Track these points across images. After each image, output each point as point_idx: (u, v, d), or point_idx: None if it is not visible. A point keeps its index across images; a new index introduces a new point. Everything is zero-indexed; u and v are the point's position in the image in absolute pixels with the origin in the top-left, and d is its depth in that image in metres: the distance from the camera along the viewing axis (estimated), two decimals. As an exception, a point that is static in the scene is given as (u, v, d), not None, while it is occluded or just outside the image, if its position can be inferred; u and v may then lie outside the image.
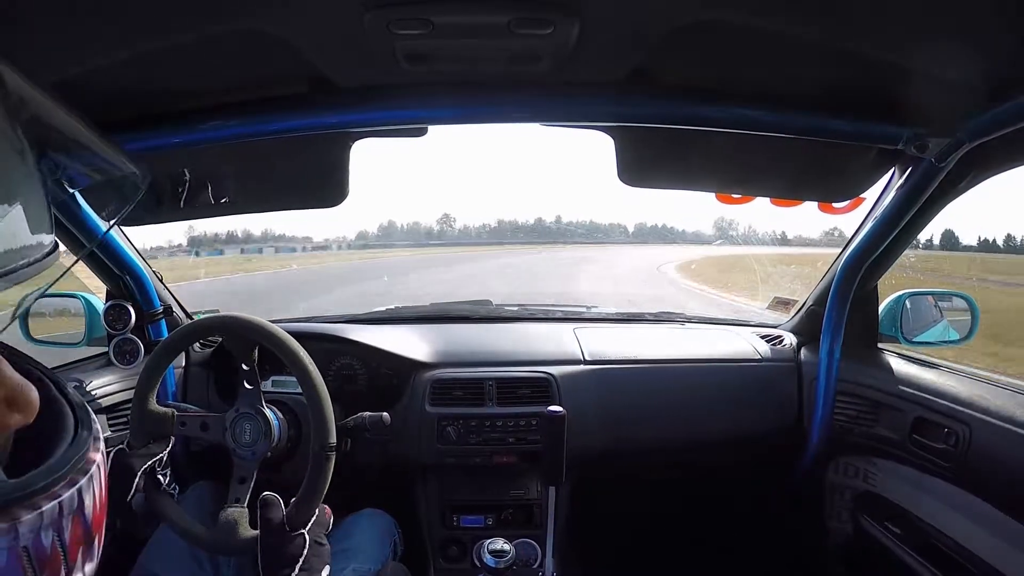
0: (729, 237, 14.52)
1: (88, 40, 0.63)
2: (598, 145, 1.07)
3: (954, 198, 1.01)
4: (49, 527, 0.29)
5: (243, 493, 0.91)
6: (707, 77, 0.81)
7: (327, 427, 0.88)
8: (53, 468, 0.31)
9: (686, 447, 1.31)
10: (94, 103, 0.79)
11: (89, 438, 0.34)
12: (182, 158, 0.96)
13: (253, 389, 0.96)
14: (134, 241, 1.26)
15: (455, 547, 1.28)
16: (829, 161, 0.99)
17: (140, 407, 0.91)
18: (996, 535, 0.88)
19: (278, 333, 0.91)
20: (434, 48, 0.71)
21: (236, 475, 0.92)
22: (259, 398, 0.96)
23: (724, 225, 10.91)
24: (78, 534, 0.32)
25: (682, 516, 1.57)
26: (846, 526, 1.26)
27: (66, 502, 0.31)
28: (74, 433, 0.34)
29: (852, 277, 1.18)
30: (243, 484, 0.92)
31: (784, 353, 1.38)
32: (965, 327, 1.24)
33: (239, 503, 0.90)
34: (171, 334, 0.98)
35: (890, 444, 1.12)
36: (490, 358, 1.33)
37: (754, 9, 0.63)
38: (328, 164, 1.00)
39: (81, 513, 0.32)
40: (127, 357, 1.25)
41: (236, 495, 0.91)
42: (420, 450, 1.25)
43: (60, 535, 0.30)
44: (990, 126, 0.78)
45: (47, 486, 0.30)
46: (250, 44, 0.68)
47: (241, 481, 0.92)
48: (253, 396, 0.95)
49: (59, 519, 0.30)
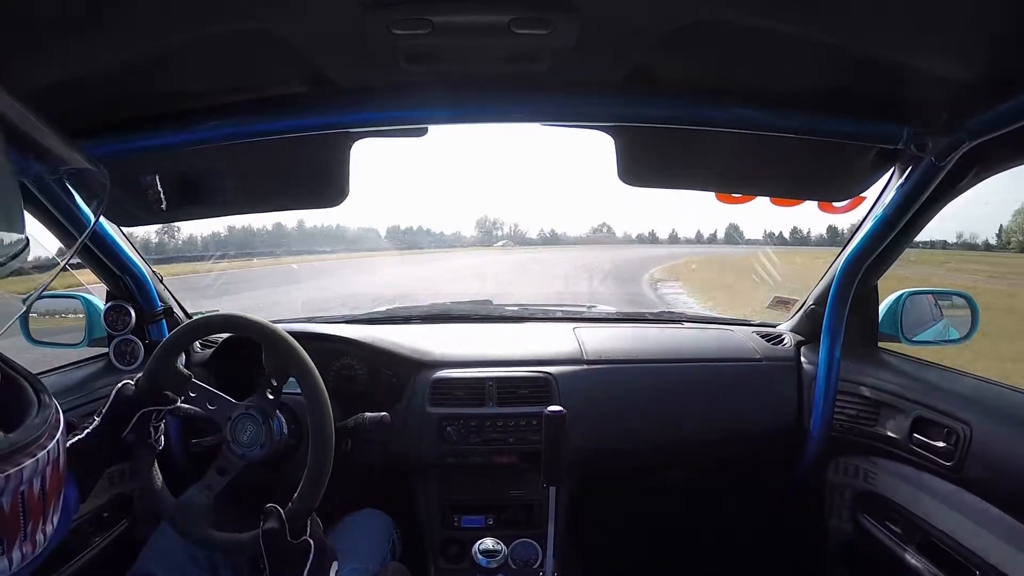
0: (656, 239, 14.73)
1: (90, 40, 0.63)
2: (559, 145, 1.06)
3: (954, 197, 1.01)
4: (39, 474, 0.34)
5: (217, 484, 0.90)
6: (707, 77, 0.81)
7: (326, 432, 0.87)
8: (40, 423, 0.36)
9: (686, 447, 1.31)
10: (95, 103, 0.79)
11: (52, 401, 0.39)
12: (182, 158, 0.96)
13: (273, 400, 0.94)
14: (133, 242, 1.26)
15: (455, 547, 1.28)
16: (829, 161, 0.99)
17: (163, 359, 0.89)
18: (996, 535, 0.88)
19: (282, 335, 0.91)
20: (434, 48, 0.71)
21: (218, 464, 0.91)
22: (273, 409, 0.94)
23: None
24: (56, 482, 0.36)
25: (682, 516, 1.57)
26: (846, 526, 1.26)
27: (52, 451, 0.35)
28: (38, 400, 0.39)
29: (852, 277, 1.18)
30: (222, 476, 0.90)
31: (784, 353, 1.38)
32: (965, 326, 1.25)
33: (209, 490, 0.89)
34: (178, 328, 0.96)
35: (890, 444, 1.12)
36: (490, 358, 1.33)
37: (754, 8, 0.63)
38: (328, 164, 1.00)
39: (57, 464, 0.37)
40: (127, 358, 1.26)
41: (209, 482, 0.90)
42: (420, 450, 1.25)
43: (43, 483, 0.34)
44: (990, 125, 0.78)
45: (39, 436, 0.34)
46: (251, 44, 0.68)
47: (220, 472, 0.91)
48: (267, 404, 0.94)
49: (44, 468, 0.34)
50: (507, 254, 16.67)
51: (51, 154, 0.46)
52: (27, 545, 0.36)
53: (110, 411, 0.83)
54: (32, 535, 0.34)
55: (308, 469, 0.86)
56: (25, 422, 0.36)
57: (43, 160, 0.48)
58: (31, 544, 0.37)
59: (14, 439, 0.33)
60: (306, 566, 0.77)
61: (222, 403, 0.94)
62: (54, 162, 0.51)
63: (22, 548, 0.35)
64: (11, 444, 0.32)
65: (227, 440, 0.92)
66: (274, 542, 0.79)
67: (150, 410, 0.86)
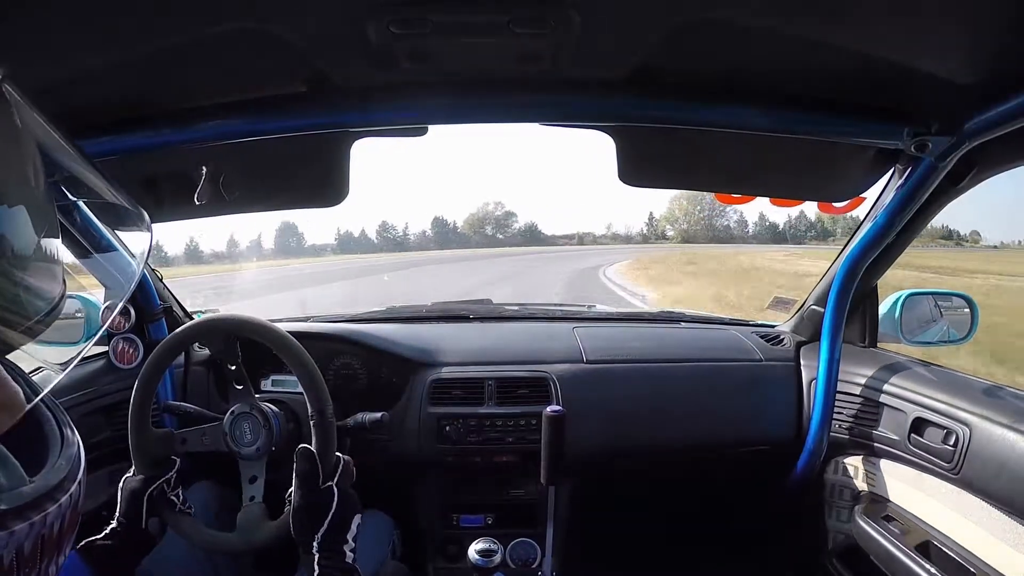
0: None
1: (91, 39, 0.63)
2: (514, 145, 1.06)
3: (954, 197, 1.01)
4: (61, 516, 0.32)
5: (257, 491, 0.91)
6: (707, 77, 0.81)
7: (321, 395, 0.87)
8: (64, 464, 0.34)
9: (685, 447, 1.31)
10: (94, 102, 0.79)
11: (75, 437, 0.37)
12: (182, 157, 0.96)
13: (243, 388, 0.95)
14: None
15: (454, 546, 1.28)
16: (829, 160, 0.99)
17: (138, 435, 0.89)
18: (996, 535, 0.88)
19: (255, 321, 0.91)
20: (434, 47, 0.71)
21: (245, 476, 0.92)
22: (251, 394, 0.95)
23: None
24: (73, 519, 0.35)
25: (681, 515, 1.57)
26: (846, 526, 1.26)
27: (74, 494, 0.34)
28: (61, 436, 0.36)
29: (852, 277, 1.18)
30: (254, 483, 0.92)
31: (784, 353, 1.38)
32: (965, 326, 1.25)
33: (254, 500, 0.90)
34: (150, 358, 0.94)
35: (890, 444, 1.12)
36: (489, 357, 1.33)
37: (754, 9, 0.63)
38: (328, 164, 1.00)
39: (77, 504, 0.35)
40: (127, 357, 1.25)
41: (251, 494, 0.91)
42: (420, 450, 1.25)
43: (63, 523, 0.33)
44: (990, 125, 0.78)
45: (63, 480, 0.33)
46: (251, 44, 0.68)
47: (252, 481, 0.92)
48: (245, 395, 0.95)
49: (67, 511, 0.33)
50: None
51: (98, 197, 0.44)
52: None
53: (123, 508, 0.85)
54: (45, 570, 0.34)
55: (313, 437, 0.86)
56: (48, 462, 0.34)
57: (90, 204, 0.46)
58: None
59: (39, 486, 0.31)
60: (328, 515, 0.78)
61: (212, 429, 0.94)
62: (103, 212, 0.49)
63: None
64: (35, 492, 0.31)
65: (236, 451, 0.93)
66: (302, 484, 0.79)
67: (159, 486, 0.87)
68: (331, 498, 0.79)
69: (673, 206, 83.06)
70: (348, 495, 0.82)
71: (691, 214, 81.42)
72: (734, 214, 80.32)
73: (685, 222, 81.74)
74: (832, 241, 69.72)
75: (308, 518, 0.78)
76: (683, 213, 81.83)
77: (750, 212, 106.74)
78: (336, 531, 0.78)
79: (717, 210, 77.69)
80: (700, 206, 77.97)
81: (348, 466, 0.86)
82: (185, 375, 1.32)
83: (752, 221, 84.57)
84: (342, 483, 0.83)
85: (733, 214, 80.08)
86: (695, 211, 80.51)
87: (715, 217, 79.94)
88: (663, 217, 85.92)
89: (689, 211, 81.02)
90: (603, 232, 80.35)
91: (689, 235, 77.56)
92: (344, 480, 0.84)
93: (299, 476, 0.80)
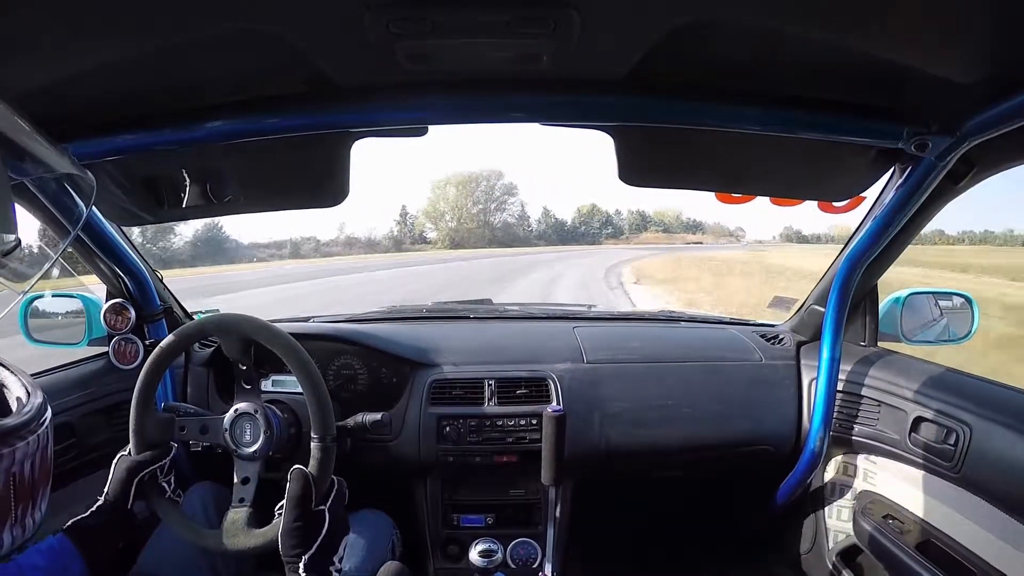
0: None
1: (91, 39, 0.63)
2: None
3: (954, 196, 1.01)
4: (30, 457, 0.37)
5: (247, 493, 0.90)
6: (707, 76, 0.81)
7: (327, 420, 0.88)
8: (30, 410, 0.39)
9: (686, 446, 1.31)
10: (94, 102, 0.79)
11: (39, 392, 0.42)
12: (182, 158, 0.96)
13: (251, 389, 0.95)
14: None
15: (455, 547, 1.28)
16: (829, 160, 0.99)
17: (140, 414, 0.90)
18: (996, 535, 0.88)
19: (274, 329, 0.91)
20: (434, 48, 0.71)
21: (239, 476, 0.92)
22: (257, 397, 0.95)
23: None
24: (45, 470, 0.39)
25: (681, 515, 1.58)
26: (846, 525, 1.26)
27: (41, 437, 0.38)
28: (27, 391, 0.41)
29: (852, 276, 1.18)
30: (246, 485, 0.91)
31: (784, 353, 1.38)
32: (965, 326, 1.25)
33: (243, 503, 0.89)
34: (167, 339, 0.96)
35: (890, 444, 1.12)
36: (490, 357, 1.33)
37: (755, 9, 0.63)
38: (328, 164, 1.00)
39: (46, 452, 0.39)
40: (127, 357, 1.25)
41: (240, 495, 0.90)
42: (420, 450, 1.25)
43: (33, 468, 0.37)
44: (990, 124, 0.78)
45: (30, 422, 0.37)
46: (250, 44, 0.68)
47: (244, 482, 0.91)
48: (251, 395, 0.95)
49: (35, 452, 0.37)
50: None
51: (39, 159, 0.48)
52: (17, 528, 0.38)
53: (112, 486, 0.85)
54: (22, 519, 0.37)
55: (312, 458, 0.86)
56: (16, 409, 0.38)
57: (32, 164, 0.49)
58: (21, 528, 0.39)
59: (7, 423, 0.36)
60: (318, 538, 0.78)
61: (212, 423, 0.94)
62: (42, 167, 0.53)
63: (12, 531, 0.37)
64: (5, 427, 0.35)
65: (232, 449, 0.93)
66: (294, 506, 0.79)
67: (152, 469, 0.88)
68: (322, 521, 0.80)
69: (436, 196, 60.48)
70: (339, 517, 0.82)
71: (462, 208, 59.34)
72: (515, 208, 61.40)
73: (453, 219, 59.81)
74: (624, 240, 57.67)
75: (297, 539, 0.78)
76: (451, 207, 59.62)
77: (532, 209, 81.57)
78: (324, 552, 0.78)
79: (496, 202, 59.35)
80: (473, 199, 58.57)
81: (341, 488, 0.87)
82: (185, 375, 1.33)
83: (535, 218, 65.65)
84: (334, 506, 0.83)
85: (515, 208, 61.33)
86: (467, 205, 59.30)
87: (491, 213, 60.06)
88: (424, 212, 61.95)
89: (459, 205, 59.24)
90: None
91: (458, 238, 57.33)
92: (336, 503, 0.84)
93: (292, 498, 0.80)
